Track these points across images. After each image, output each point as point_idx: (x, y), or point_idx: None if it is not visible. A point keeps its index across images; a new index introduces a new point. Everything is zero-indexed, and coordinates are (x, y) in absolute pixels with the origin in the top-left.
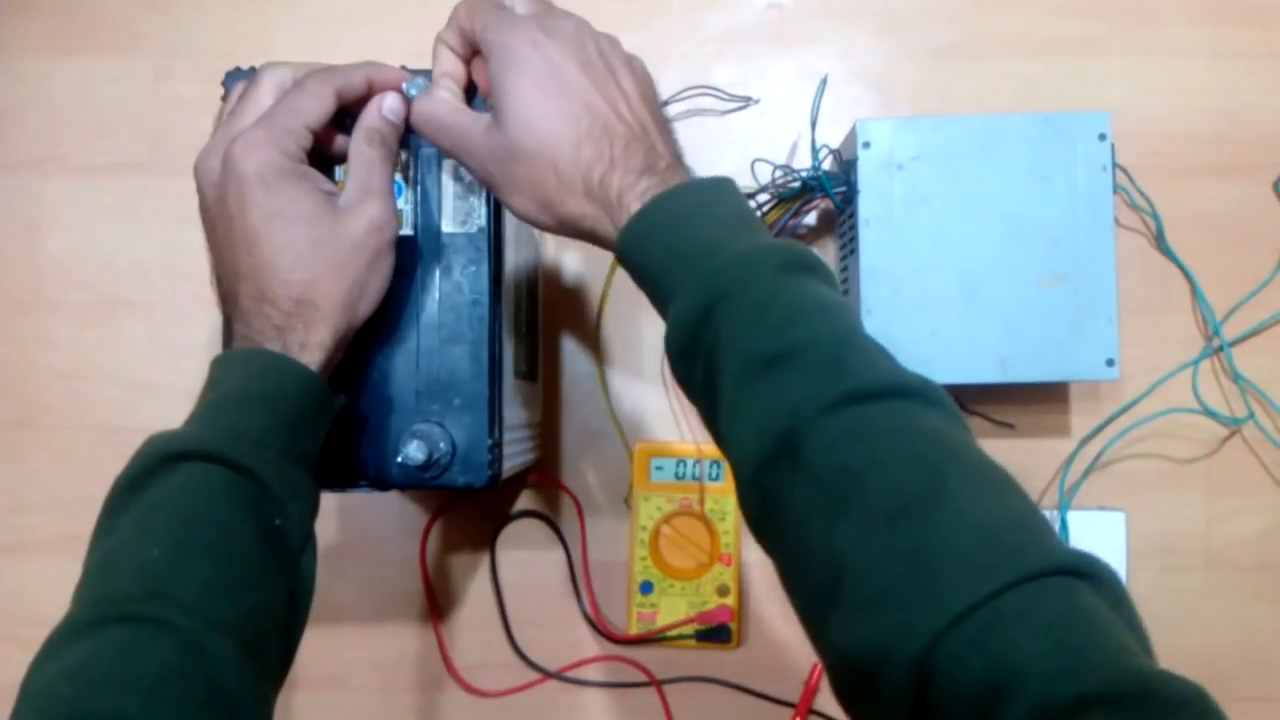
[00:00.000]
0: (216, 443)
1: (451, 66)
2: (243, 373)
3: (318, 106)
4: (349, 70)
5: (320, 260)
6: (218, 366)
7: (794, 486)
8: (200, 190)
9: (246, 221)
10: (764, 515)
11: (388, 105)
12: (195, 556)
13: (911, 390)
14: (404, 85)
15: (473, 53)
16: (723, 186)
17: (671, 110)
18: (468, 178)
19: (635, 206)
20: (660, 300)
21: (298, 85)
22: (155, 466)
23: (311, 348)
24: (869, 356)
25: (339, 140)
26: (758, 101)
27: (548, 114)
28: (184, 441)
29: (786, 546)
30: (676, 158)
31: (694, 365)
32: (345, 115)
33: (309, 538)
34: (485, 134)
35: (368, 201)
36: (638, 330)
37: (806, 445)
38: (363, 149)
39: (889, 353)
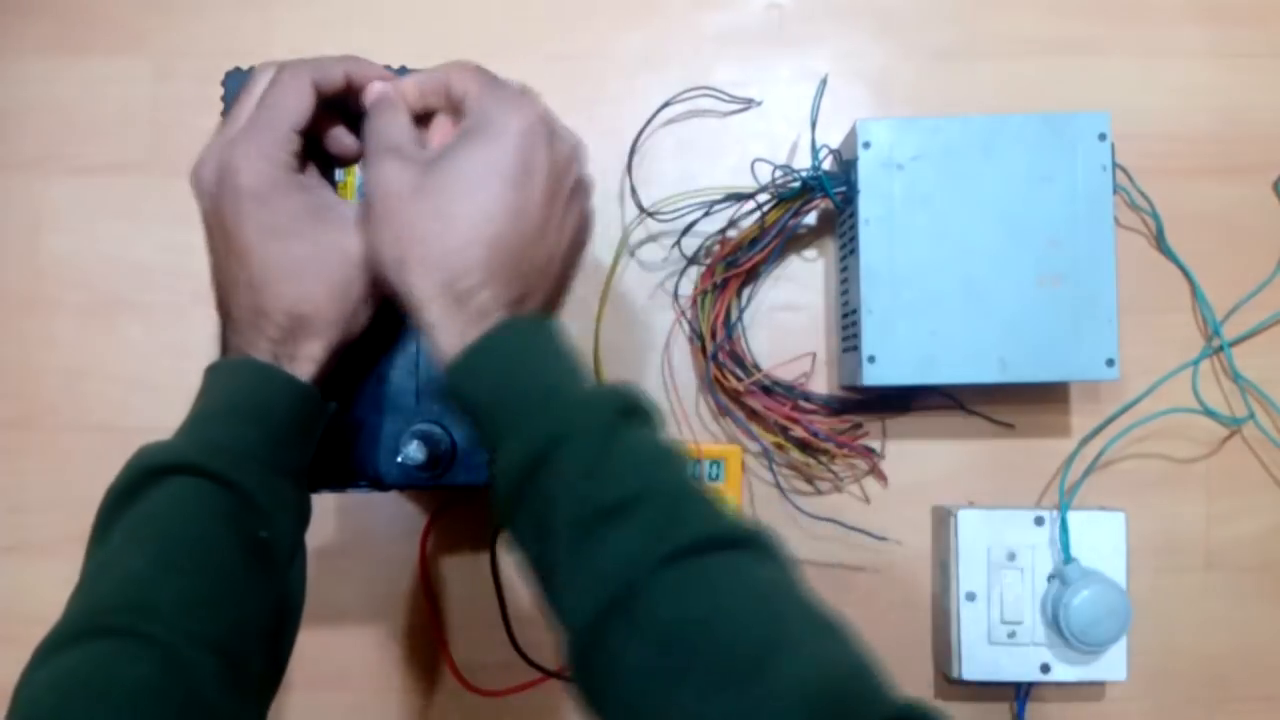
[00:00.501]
0: (200, 456)
1: (412, 99)
2: (231, 384)
3: (297, 104)
4: (324, 63)
5: (315, 276)
6: (209, 376)
7: (629, 644)
8: (197, 198)
9: (241, 236)
10: (595, 677)
11: (371, 91)
12: (176, 570)
13: (746, 540)
14: None
15: (436, 108)
16: (552, 325)
17: (672, 110)
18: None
19: (480, 329)
20: (489, 435)
21: (273, 82)
22: (143, 479)
23: (303, 360)
24: (704, 507)
25: (335, 135)
26: (760, 104)
27: (481, 200)
28: (169, 454)
29: (618, 709)
30: (549, 309)
31: (524, 510)
32: (337, 108)
33: (297, 549)
34: (402, 161)
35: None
36: (637, 331)
37: (645, 598)
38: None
39: (721, 500)
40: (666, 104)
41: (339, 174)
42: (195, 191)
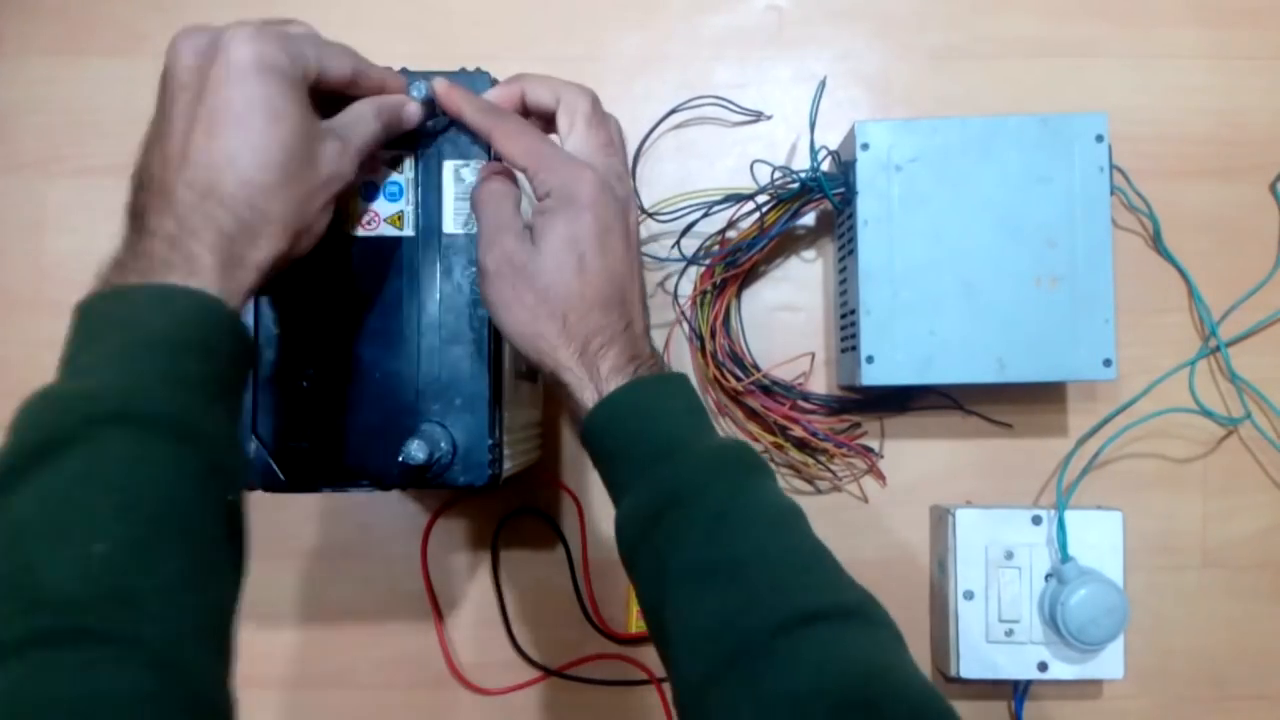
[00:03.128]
0: (153, 398)
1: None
2: (160, 308)
3: (336, 61)
4: (373, 65)
5: (288, 174)
6: (113, 302)
7: (742, 706)
8: (174, 58)
9: (223, 99)
10: (706, 713)
11: (409, 109)
12: (154, 550)
13: (854, 610)
14: (409, 90)
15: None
16: (682, 379)
17: (676, 117)
18: (468, 180)
19: (614, 384)
20: (616, 483)
21: (321, 39)
22: (70, 430)
23: (248, 266)
24: (818, 573)
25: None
26: (770, 117)
27: (585, 267)
28: (107, 398)
29: None
30: (654, 351)
31: (643, 556)
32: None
33: (246, 510)
34: (517, 243)
35: (347, 148)
36: None
37: (758, 668)
38: (367, 114)
39: (833, 558)
40: (674, 110)
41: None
42: (177, 50)
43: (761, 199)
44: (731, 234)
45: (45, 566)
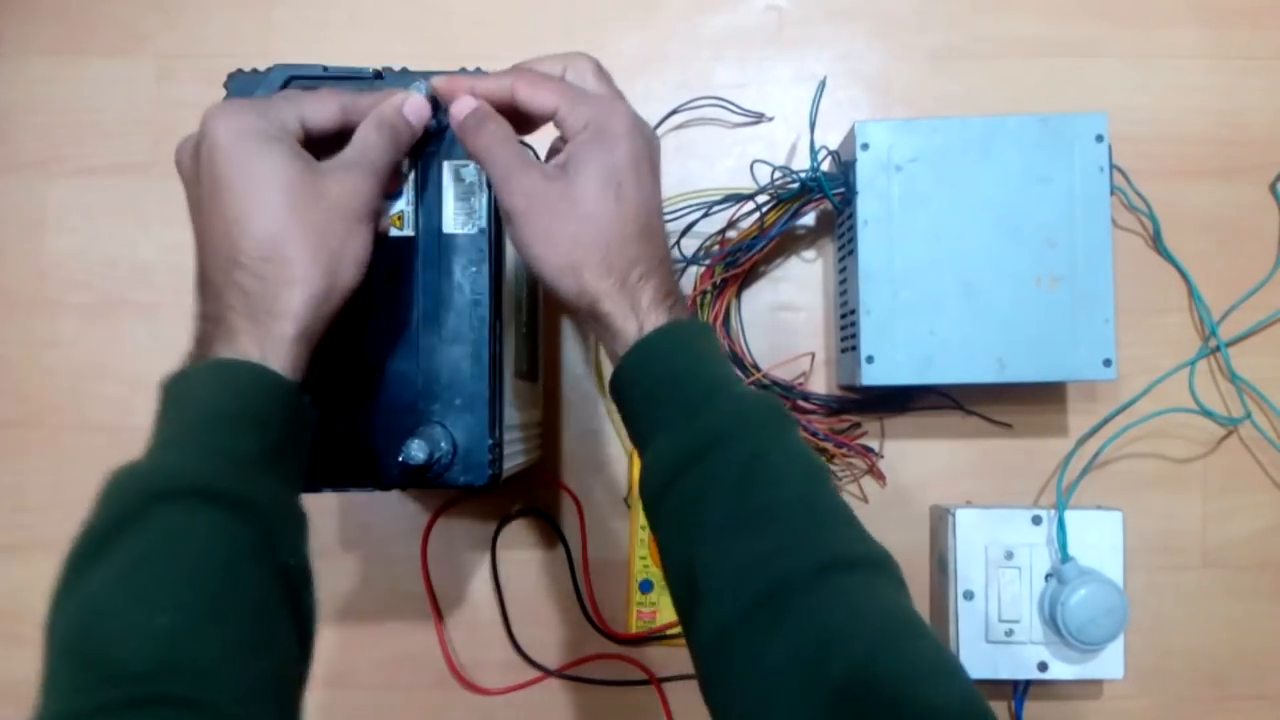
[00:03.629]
0: (206, 474)
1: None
2: (212, 388)
3: (319, 106)
4: (359, 94)
5: (294, 215)
6: (178, 383)
7: (774, 641)
8: (177, 165)
9: (217, 178)
10: (730, 672)
11: (410, 104)
12: (212, 619)
13: (879, 562)
14: (409, 90)
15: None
16: (710, 326)
17: (677, 117)
18: (468, 179)
19: (656, 319)
20: (648, 423)
21: (296, 93)
22: (135, 508)
23: (281, 316)
24: (847, 525)
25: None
26: (771, 119)
27: (624, 196)
28: (166, 476)
29: (747, 697)
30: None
31: (671, 498)
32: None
33: (309, 570)
34: (543, 176)
35: (352, 170)
36: None
37: (794, 605)
38: (368, 133)
39: (853, 514)
40: (675, 111)
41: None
42: (179, 165)
43: (761, 199)
44: (731, 234)
45: (115, 638)
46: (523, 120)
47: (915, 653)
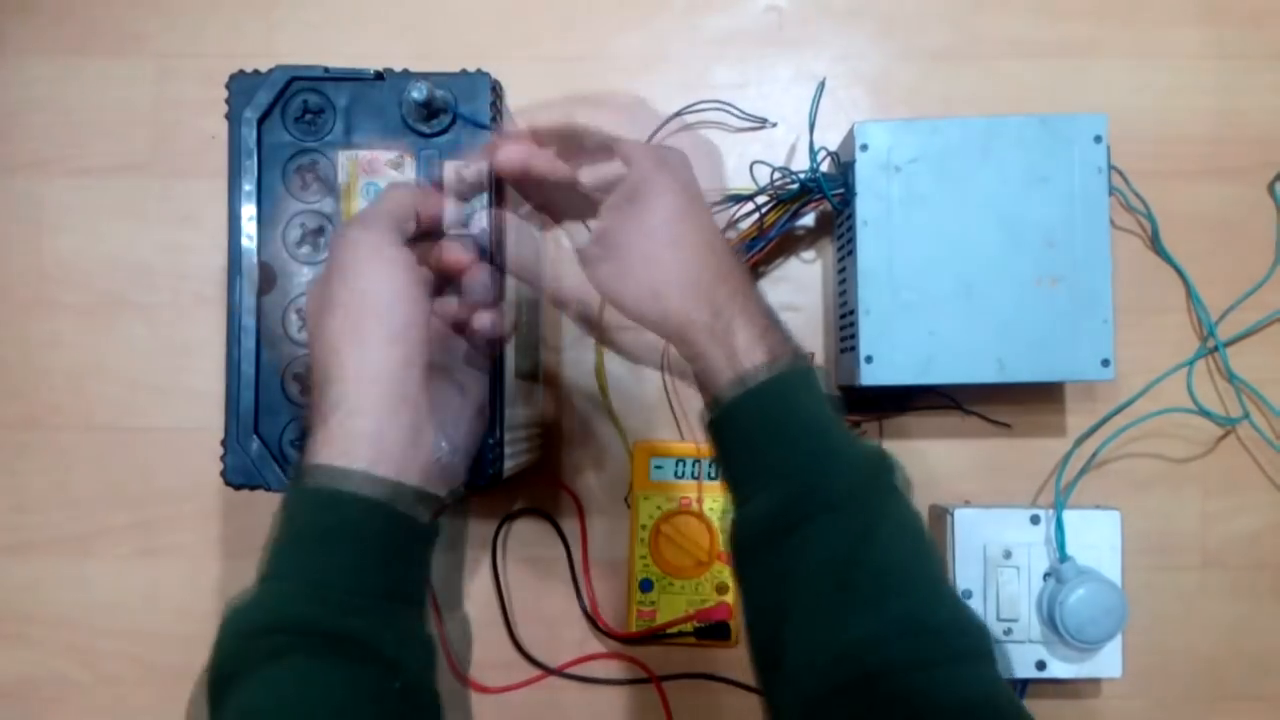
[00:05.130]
0: (335, 619)
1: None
2: (308, 506)
3: (409, 203)
4: (422, 192)
5: (412, 338)
6: (311, 501)
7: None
8: (312, 300)
9: (358, 284)
10: None
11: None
12: None
13: (979, 654)
14: (408, 89)
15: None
16: (816, 371)
17: (678, 120)
18: (469, 179)
19: (753, 360)
20: (749, 475)
21: (382, 193)
22: (264, 650)
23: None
24: (953, 606)
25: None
26: (774, 125)
27: (698, 232)
28: (296, 620)
29: None
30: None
31: (769, 552)
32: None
33: (434, 687)
34: (618, 217)
35: (464, 373)
36: (639, 330)
37: (887, 699)
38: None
39: (947, 581)
40: (677, 114)
41: None
42: (313, 300)
43: (761, 200)
44: (731, 235)
45: None
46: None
47: None
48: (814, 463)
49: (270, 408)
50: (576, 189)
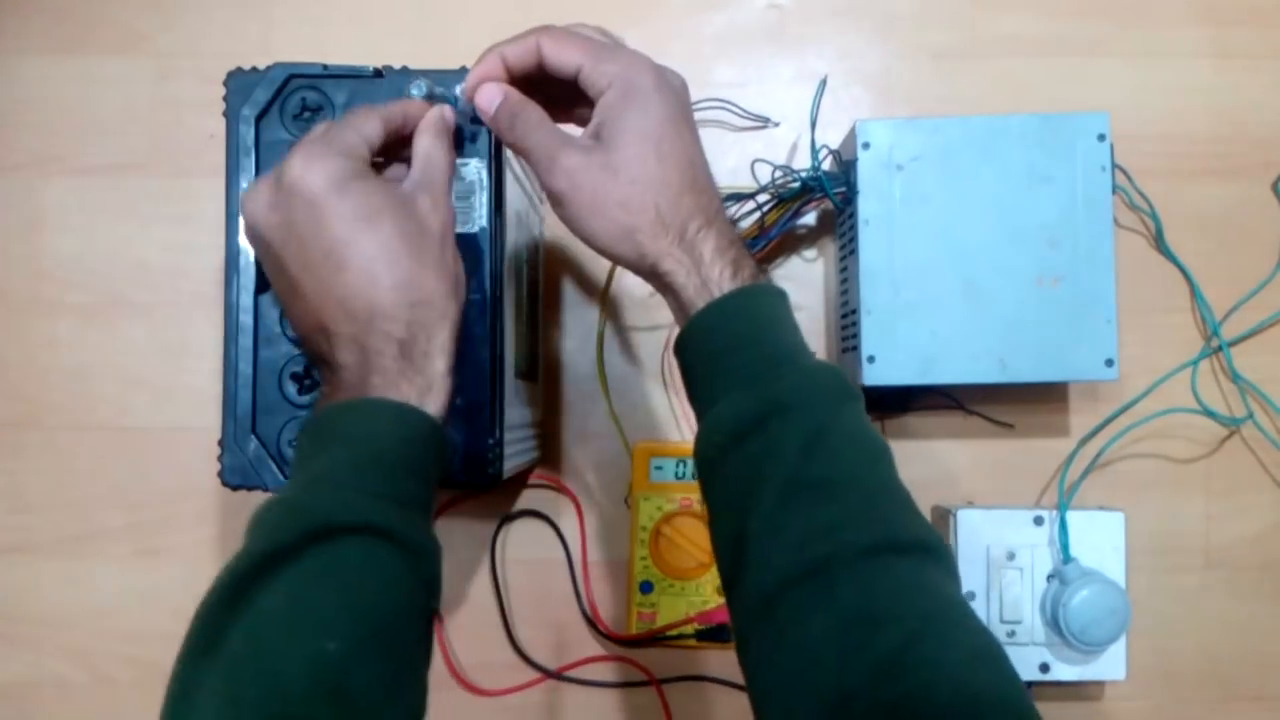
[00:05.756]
0: (382, 515)
1: (501, 76)
2: (377, 428)
3: (369, 125)
4: (382, 106)
5: (417, 255)
6: (339, 417)
7: (815, 614)
8: (255, 228)
9: (327, 236)
10: (767, 639)
11: (448, 115)
12: (372, 651)
13: (931, 548)
14: (407, 88)
15: (533, 76)
16: (784, 295)
17: None
18: (468, 178)
19: (721, 273)
20: (712, 386)
21: (343, 117)
22: (313, 534)
23: (437, 354)
24: (904, 508)
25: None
26: (777, 124)
27: (664, 154)
28: (347, 511)
29: (783, 664)
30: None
31: (729, 464)
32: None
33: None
34: (582, 152)
35: (434, 190)
36: (639, 331)
37: (843, 580)
38: (431, 148)
39: (911, 497)
40: None
41: None
42: (253, 221)
43: (762, 198)
44: None
45: (282, 659)
46: (546, 85)
47: (959, 639)
48: (770, 371)
49: (268, 408)
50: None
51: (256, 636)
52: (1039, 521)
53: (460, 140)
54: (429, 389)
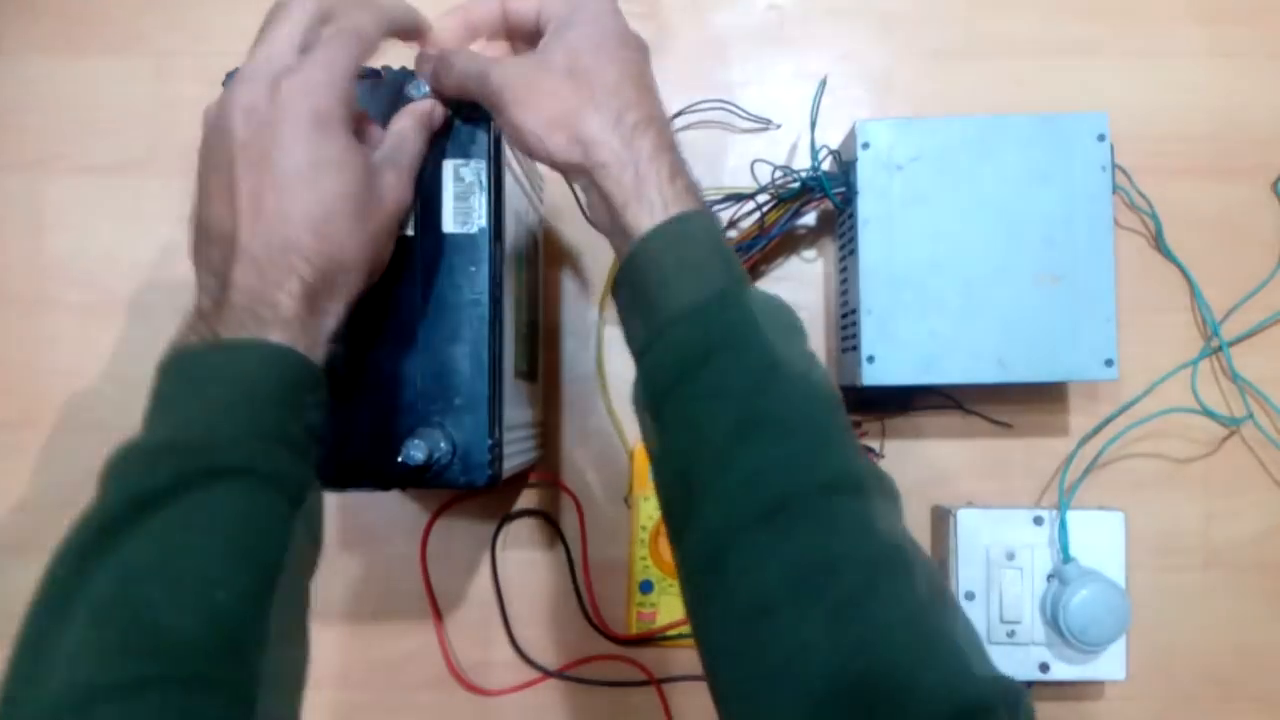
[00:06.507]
0: (270, 459)
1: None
2: (265, 369)
3: (370, 28)
4: (398, 6)
5: (360, 218)
6: (221, 353)
7: (774, 558)
8: (227, 119)
9: (290, 162)
10: (722, 580)
11: (438, 112)
12: (263, 602)
13: (888, 489)
14: (406, 88)
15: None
16: (715, 217)
17: (682, 119)
18: (468, 178)
19: (659, 172)
20: (654, 315)
21: (333, 33)
22: (184, 480)
23: (332, 315)
24: (853, 446)
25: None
26: (779, 126)
27: (603, 49)
28: (226, 452)
29: (740, 608)
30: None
31: (676, 399)
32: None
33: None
34: (518, 60)
35: (400, 171)
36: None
37: (799, 523)
38: (408, 131)
39: (855, 435)
40: (680, 113)
41: None
42: (229, 110)
43: (762, 199)
44: (732, 234)
45: (164, 610)
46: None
47: (906, 588)
48: (717, 301)
49: None
50: None
51: (128, 589)
52: (1039, 521)
53: (460, 143)
54: (314, 346)
